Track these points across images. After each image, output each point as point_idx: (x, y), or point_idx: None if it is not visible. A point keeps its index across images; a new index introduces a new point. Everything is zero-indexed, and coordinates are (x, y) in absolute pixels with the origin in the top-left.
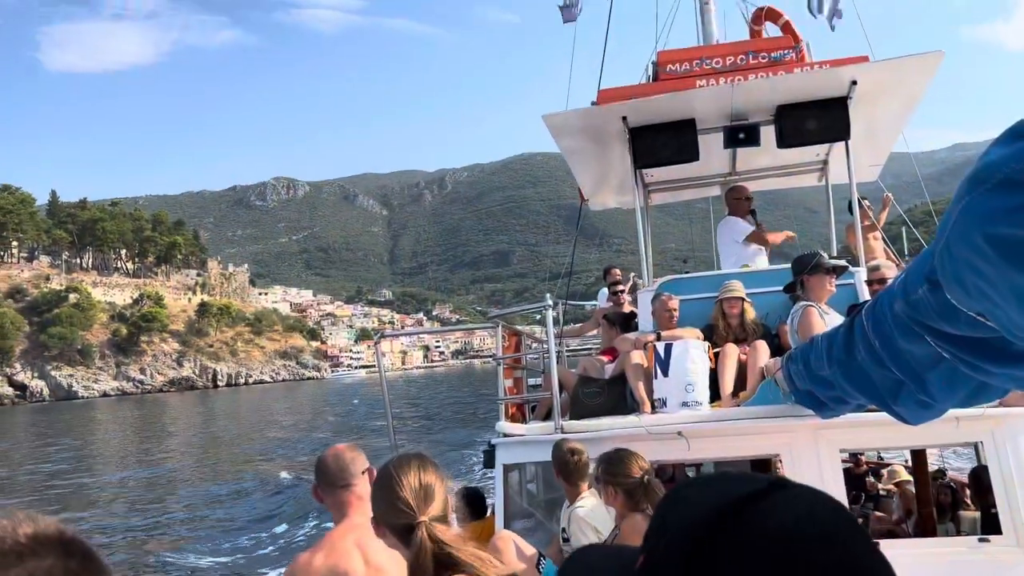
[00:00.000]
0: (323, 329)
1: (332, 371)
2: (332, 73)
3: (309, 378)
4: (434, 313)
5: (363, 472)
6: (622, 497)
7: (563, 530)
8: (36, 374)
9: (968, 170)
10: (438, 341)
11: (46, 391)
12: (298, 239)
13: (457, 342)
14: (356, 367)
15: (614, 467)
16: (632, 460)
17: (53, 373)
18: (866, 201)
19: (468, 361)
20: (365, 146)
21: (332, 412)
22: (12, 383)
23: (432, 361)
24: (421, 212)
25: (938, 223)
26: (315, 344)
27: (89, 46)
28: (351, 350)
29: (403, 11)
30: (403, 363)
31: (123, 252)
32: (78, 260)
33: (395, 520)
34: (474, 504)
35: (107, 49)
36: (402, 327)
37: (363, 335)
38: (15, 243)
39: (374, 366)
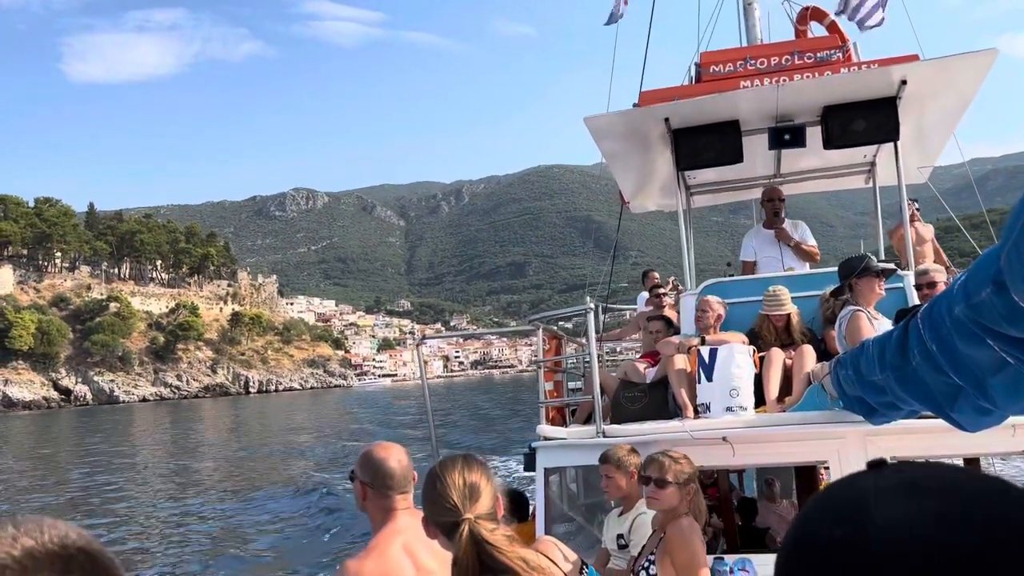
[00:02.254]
0: (346, 338)
1: (358, 379)
2: (351, 85)
3: (336, 386)
4: (452, 323)
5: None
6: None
7: (619, 536)
8: (80, 379)
9: None
10: (457, 351)
11: (89, 395)
12: (317, 249)
13: (476, 352)
14: (379, 376)
15: (666, 467)
16: (686, 461)
17: (96, 378)
18: (915, 204)
19: (487, 371)
20: (383, 157)
21: (368, 418)
22: (57, 387)
23: (452, 371)
24: (438, 223)
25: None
26: (340, 353)
27: (111, 57)
28: (374, 359)
29: (421, 25)
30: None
31: (159, 263)
32: (116, 270)
33: (441, 518)
34: (516, 506)
35: (129, 60)
36: (422, 336)
37: (385, 344)
38: (58, 254)
39: (397, 375)
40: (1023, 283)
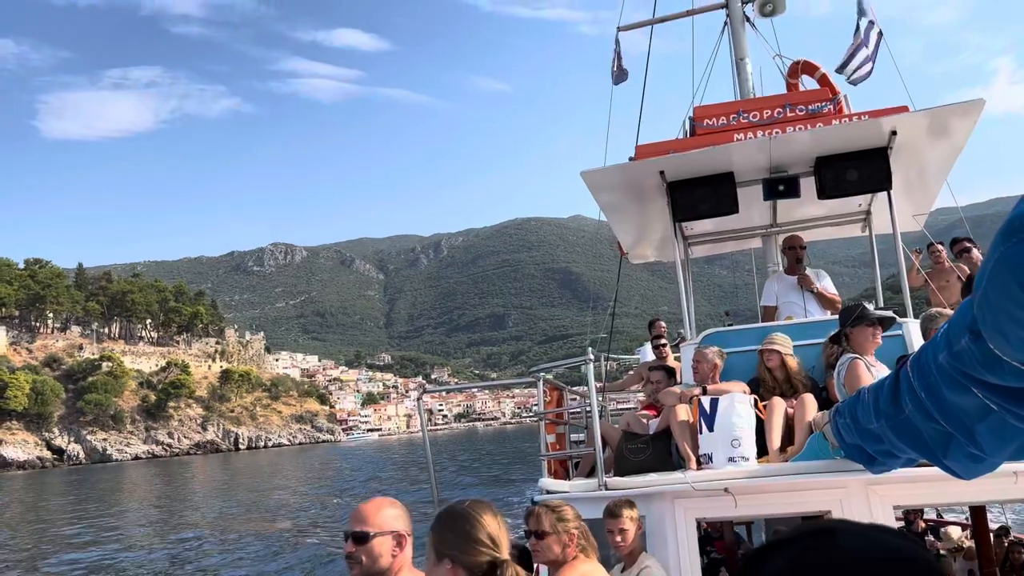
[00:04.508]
0: (331, 394)
1: (346, 434)
2: (329, 140)
3: (324, 441)
4: (433, 376)
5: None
6: (577, 543)
7: None
8: (72, 438)
9: (1001, 223)
10: (441, 404)
11: (82, 454)
12: (295, 304)
13: (459, 405)
14: (366, 430)
15: (565, 513)
16: (565, 508)
17: (88, 437)
18: (941, 245)
19: (470, 424)
20: (362, 211)
21: (363, 474)
22: (50, 447)
23: (436, 424)
24: (417, 276)
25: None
26: (327, 408)
27: (88, 114)
28: (359, 414)
29: (399, 82)
30: (408, 426)
31: (148, 322)
32: (106, 329)
33: (476, 558)
34: (521, 561)
35: (106, 117)
36: (406, 391)
37: (369, 399)
38: (50, 314)
39: (382, 429)
40: (995, 332)
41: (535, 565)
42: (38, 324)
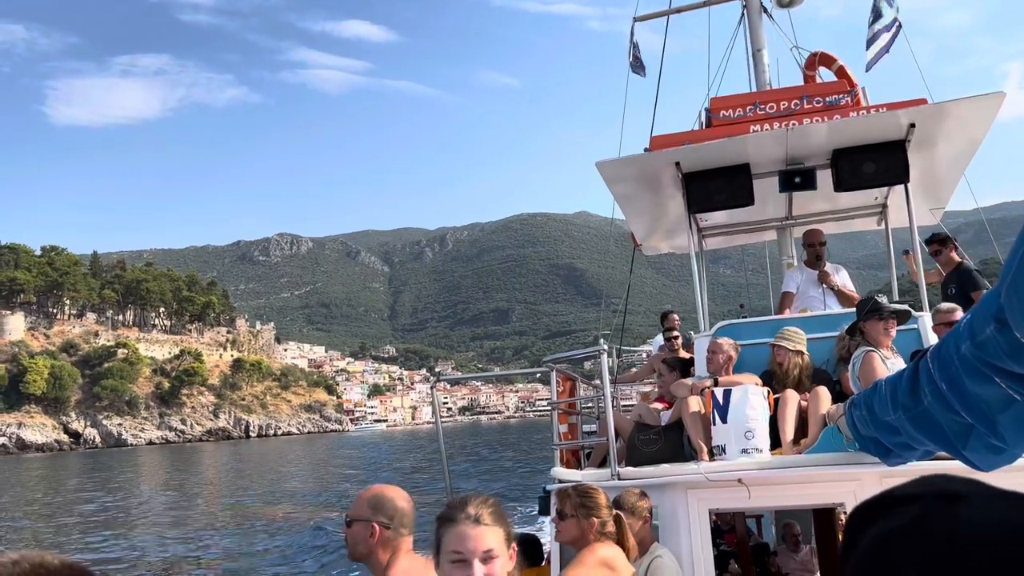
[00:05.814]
0: (338, 384)
1: (353, 424)
2: (336, 131)
3: (332, 431)
4: (436, 370)
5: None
6: (597, 530)
7: None
8: (89, 423)
9: None
10: (446, 397)
11: (98, 439)
12: (300, 294)
13: (464, 399)
14: (372, 421)
15: (589, 500)
16: (594, 493)
17: (104, 422)
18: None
19: (474, 417)
20: (367, 203)
21: (370, 463)
22: (67, 431)
23: (440, 416)
24: (422, 269)
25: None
26: (335, 399)
27: (96, 101)
28: (366, 405)
29: (407, 74)
30: (413, 418)
31: (161, 310)
32: (120, 317)
33: None
34: (530, 551)
35: (113, 104)
36: (411, 383)
37: (375, 390)
38: (67, 301)
39: (388, 420)
40: (1023, 319)
41: (546, 548)
42: (55, 310)
